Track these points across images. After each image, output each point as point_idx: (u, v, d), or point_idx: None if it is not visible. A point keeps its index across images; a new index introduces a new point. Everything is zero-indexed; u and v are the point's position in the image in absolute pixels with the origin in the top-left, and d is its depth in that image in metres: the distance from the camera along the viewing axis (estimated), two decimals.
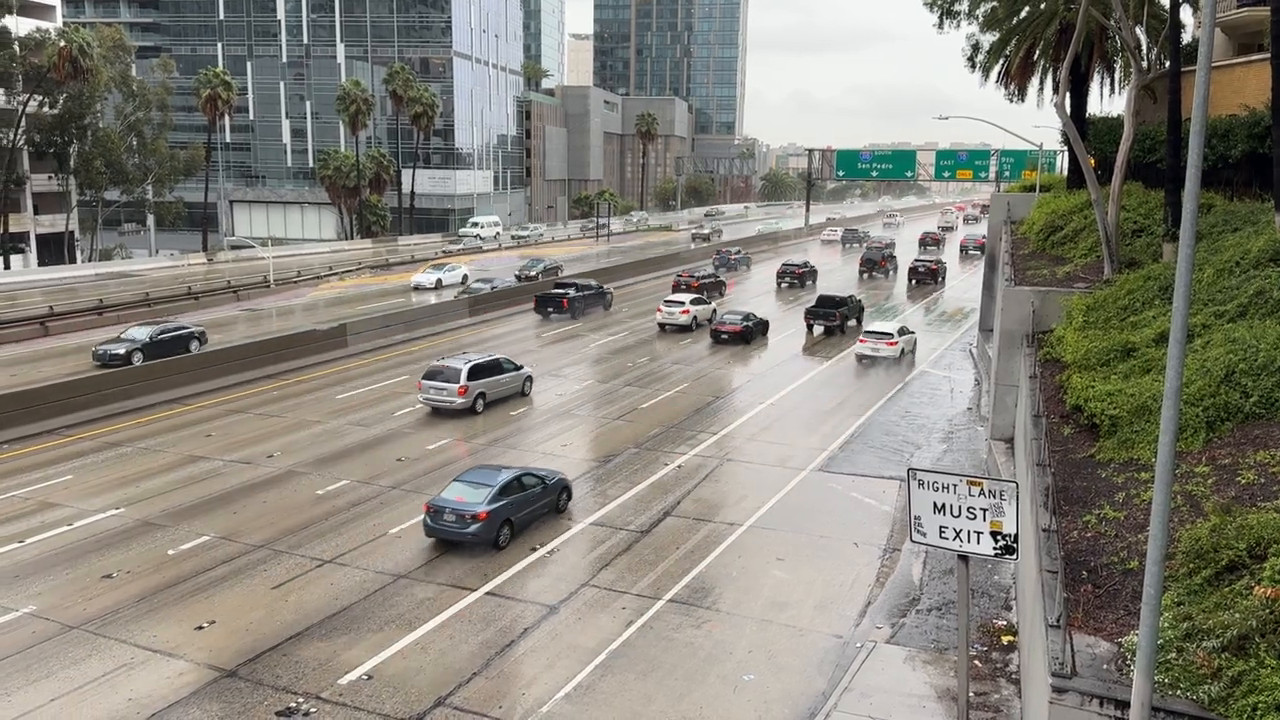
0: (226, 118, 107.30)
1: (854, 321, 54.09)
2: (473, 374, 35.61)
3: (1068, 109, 33.31)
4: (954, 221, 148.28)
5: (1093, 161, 33.38)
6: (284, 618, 19.63)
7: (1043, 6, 39.53)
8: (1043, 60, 41.23)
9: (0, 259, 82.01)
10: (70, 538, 23.62)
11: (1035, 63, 41.29)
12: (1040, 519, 15.33)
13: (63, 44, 77.25)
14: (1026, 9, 40.45)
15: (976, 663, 17.50)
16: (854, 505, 26.78)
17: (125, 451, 30.71)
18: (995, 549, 14.16)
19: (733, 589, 21.25)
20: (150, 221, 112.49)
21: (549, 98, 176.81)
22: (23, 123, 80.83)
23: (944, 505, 14.38)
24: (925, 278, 75.71)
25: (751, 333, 50.33)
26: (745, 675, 17.58)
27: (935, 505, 14.46)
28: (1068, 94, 33.61)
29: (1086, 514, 15.73)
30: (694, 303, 54.51)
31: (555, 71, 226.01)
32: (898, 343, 46.06)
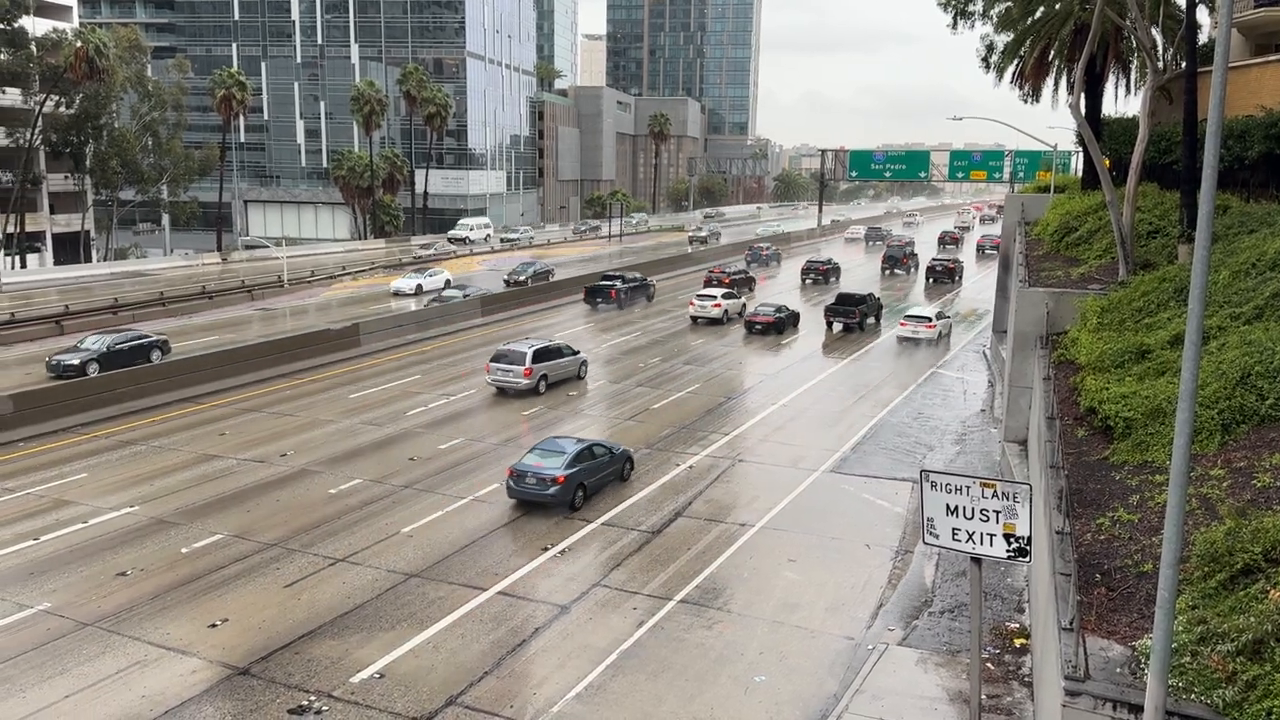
0: (241, 118, 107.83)
1: (873, 319, 55.32)
2: (536, 357, 38.64)
3: (1083, 110, 33.16)
4: (970, 222, 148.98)
5: (1108, 162, 33.21)
6: (296, 616, 19.70)
7: (1058, 7, 39.33)
8: (1057, 61, 41.03)
9: (17, 258, 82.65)
10: (85, 535, 23.77)
11: (1050, 63, 41.09)
12: (1054, 521, 15.25)
13: (79, 44, 77.72)
14: (1041, 9, 40.26)
15: (989, 665, 17.43)
16: (866, 507, 26.71)
17: (140, 450, 30.88)
18: (1008, 551, 14.11)
19: (744, 590, 21.23)
20: (165, 221, 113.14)
21: (562, 98, 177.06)
22: (39, 122, 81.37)
23: (957, 507, 14.34)
24: (942, 276, 76.63)
25: (784, 324, 53.27)
26: (756, 676, 17.56)
27: (948, 507, 14.41)
28: (1083, 95, 33.45)
29: (1100, 517, 15.65)
30: (725, 297, 57.35)
31: (568, 72, 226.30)
32: (936, 326, 50.82)
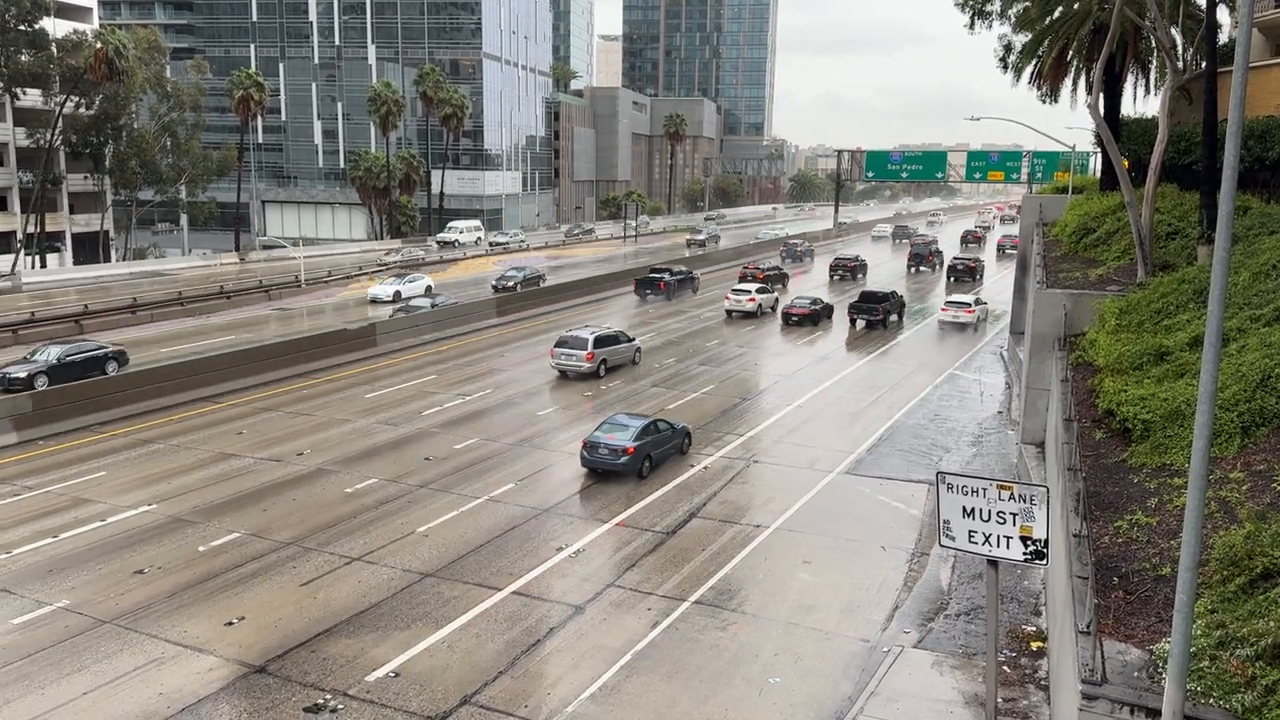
0: (259, 119, 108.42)
1: (895, 317, 56.29)
2: (597, 343, 42.01)
3: (1101, 110, 32.96)
4: (991, 221, 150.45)
5: (1126, 163, 33.01)
6: (312, 614, 19.78)
7: (1076, 7, 39.09)
8: (1076, 61, 40.78)
9: (37, 258, 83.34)
10: (103, 533, 23.93)
11: (1068, 63, 40.85)
12: (1071, 524, 15.17)
13: (99, 45, 78.34)
14: (1060, 9, 40.01)
15: (1005, 668, 17.34)
16: (882, 509, 26.63)
17: (157, 448, 31.08)
18: (1025, 554, 14.04)
19: (759, 591, 21.19)
20: (184, 221, 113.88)
21: (578, 99, 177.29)
22: (59, 123, 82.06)
23: (974, 509, 14.27)
24: (963, 275, 77.29)
25: (819, 315, 56.18)
26: (771, 678, 17.52)
27: (965, 509, 14.35)
28: (1101, 95, 33.25)
29: (1118, 519, 15.56)
30: (759, 291, 59.86)
31: (584, 73, 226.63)
32: (974, 310, 55.13)
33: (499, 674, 17.58)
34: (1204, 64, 28.50)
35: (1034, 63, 42.13)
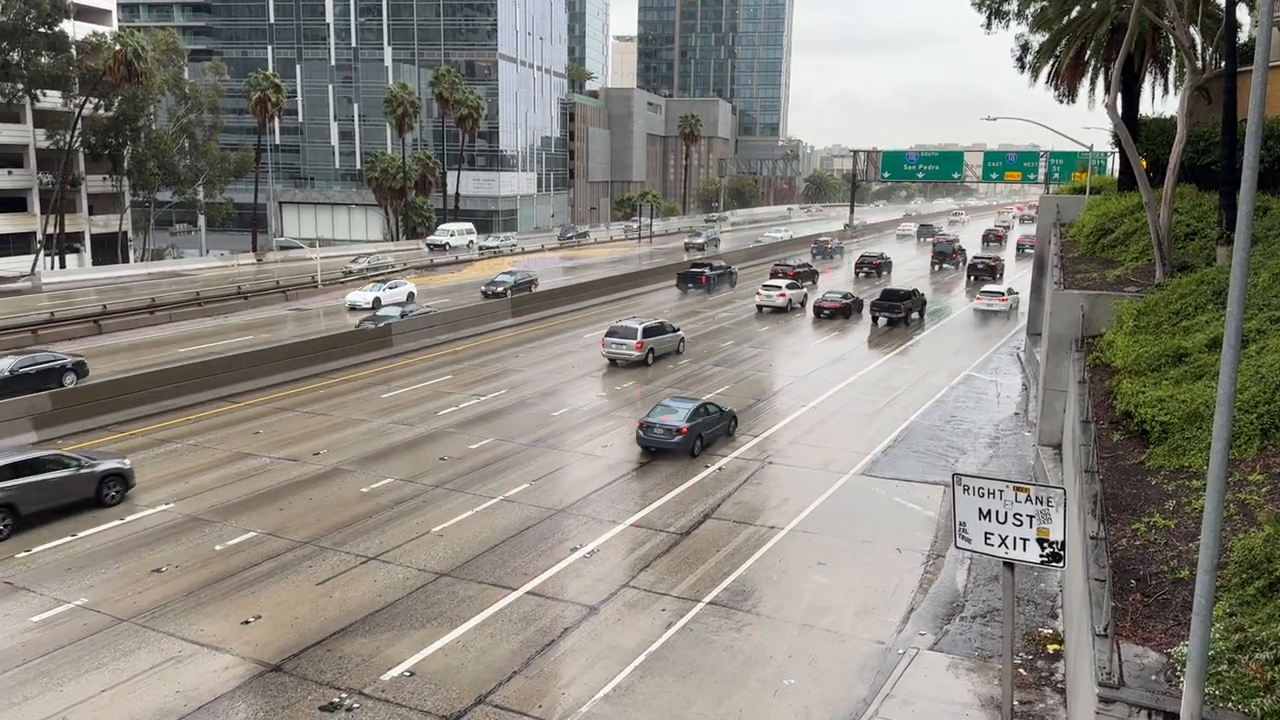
0: (276, 120, 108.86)
1: (916, 315, 57.76)
2: (646, 333, 44.46)
3: (1119, 110, 32.77)
4: (1010, 221, 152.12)
5: (1144, 163, 32.81)
6: (328, 614, 19.86)
7: (1094, 6, 38.88)
8: (1094, 60, 40.57)
9: (56, 258, 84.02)
10: (121, 532, 24.10)
11: (1086, 63, 40.64)
12: (1088, 526, 15.08)
13: (118, 48, 78.92)
14: (1077, 8, 39.82)
15: (1021, 671, 17.26)
16: (897, 510, 26.54)
17: (175, 448, 31.27)
18: (1042, 556, 13.97)
19: (773, 593, 21.16)
20: (201, 222, 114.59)
21: (593, 99, 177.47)
22: (79, 125, 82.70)
23: (990, 511, 14.21)
24: (984, 274, 78.02)
25: (849, 309, 58.82)
26: (785, 680, 17.48)
27: (981, 511, 14.29)
28: (1119, 95, 33.08)
29: (1136, 522, 15.47)
30: (789, 287, 62.56)
31: (599, 73, 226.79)
32: (1007, 299, 59.04)
33: (513, 674, 17.61)
34: (1223, 63, 28.31)
35: (1051, 62, 41.95)
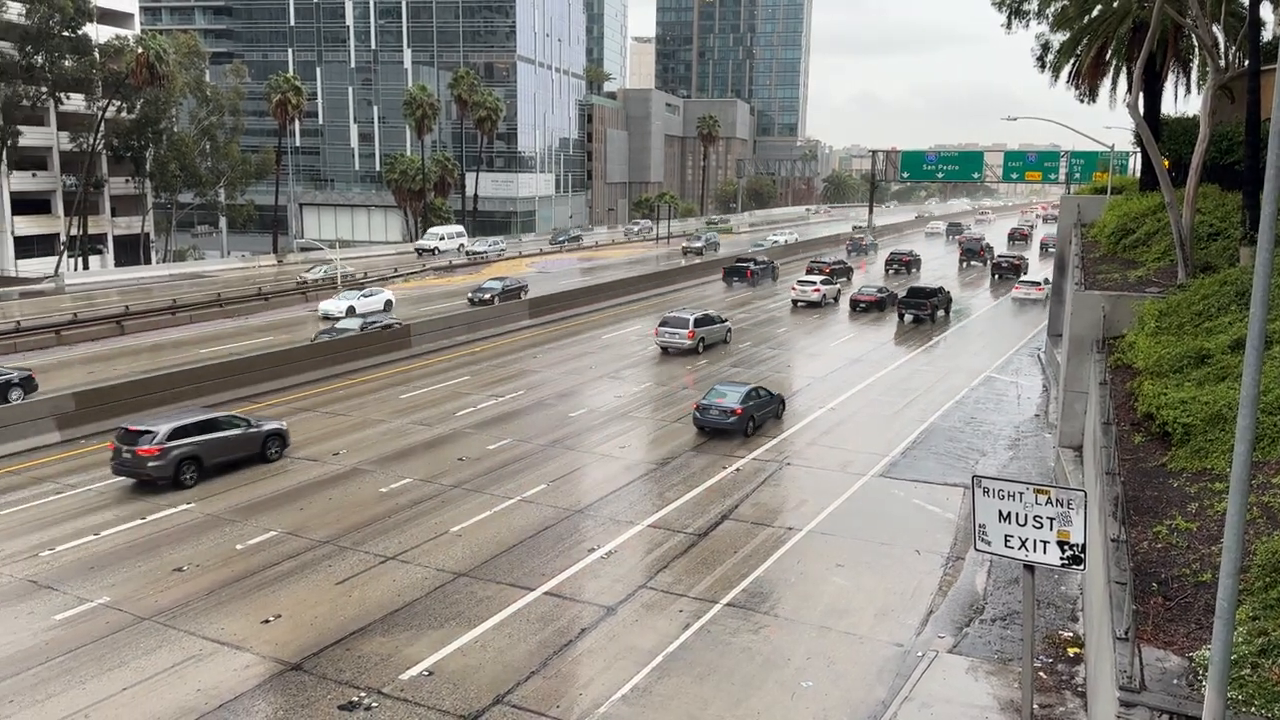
0: (296, 122, 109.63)
1: (942, 312, 59.16)
2: (697, 323, 47.20)
3: (1141, 109, 32.54)
4: (1034, 221, 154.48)
5: (1167, 163, 32.53)
6: (347, 613, 19.96)
7: (1115, 5, 38.62)
8: (1115, 59, 40.29)
9: (80, 260, 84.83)
10: (143, 531, 24.29)
11: (1107, 62, 40.37)
12: (1109, 529, 14.98)
13: (140, 51, 79.60)
14: (1099, 7, 39.57)
15: (1041, 674, 17.16)
16: (916, 512, 26.43)
17: None
18: (1062, 559, 13.87)
19: (791, 594, 21.10)
20: (222, 223, 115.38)
21: (611, 100, 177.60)
22: (102, 127, 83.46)
23: (1010, 513, 14.13)
24: (1008, 272, 79.72)
25: (884, 303, 61.28)
26: (803, 682, 17.44)
27: (1001, 513, 14.21)
28: (1141, 94, 32.82)
29: (1157, 524, 15.35)
30: (823, 283, 65.11)
31: (617, 74, 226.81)
32: (1044, 289, 61.21)
33: (531, 674, 17.64)
34: (1247, 62, 28.03)
35: (1072, 62, 41.70)
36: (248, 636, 18.93)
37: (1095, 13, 39.71)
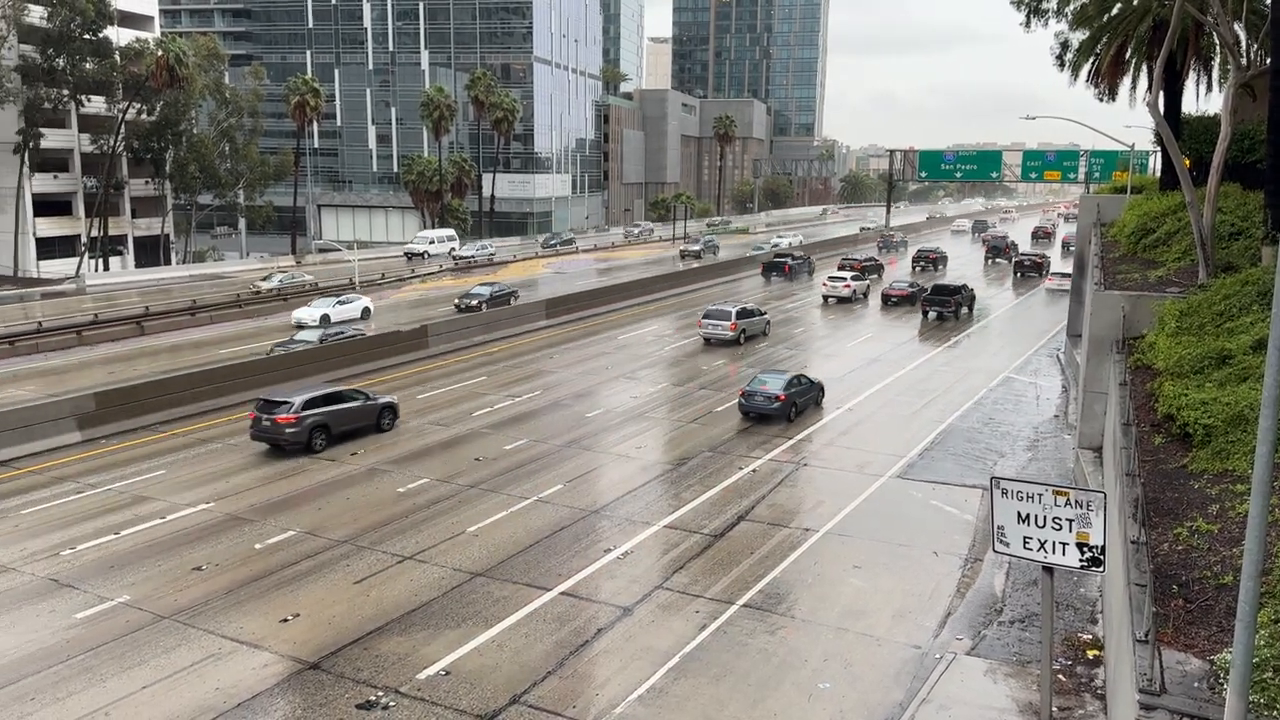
0: (315, 124, 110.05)
1: (965, 309, 60.04)
2: (738, 315, 49.86)
3: (1161, 108, 32.28)
4: (1055, 220, 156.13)
5: (1187, 162, 32.30)
6: (365, 612, 20.03)
7: (1135, 3, 38.37)
8: (1135, 58, 40.03)
9: (100, 261, 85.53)
10: (162, 531, 24.46)
11: (1127, 61, 40.11)
12: (1129, 530, 14.87)
13: (160, 53, 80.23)
14: (1118, 6, 39.30)
15: (1060, 677, 17.05)
16: (934, 513, 26.31)
17: (215, 448, 31.69)
18: (1081, 561, 13.79)
19: (808, 596, 21.05)
20: (241, 225, 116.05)
21: (627, 101, 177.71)
22: (122, 129, 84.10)
23: (1029, 515, 14.06)
24: (1030, 271, 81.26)
25: (915, 297, 62.70)
26: (820, 683, 17.39)
27: (1019, 515, 14.14)
28: (1161, 93, 32.57)
29: (1178, 526, 15.23)
30: (854, 279, 66.90)
31: (634, 75, 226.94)
32: None
33: (548, 674, 17.66)
34: (1268, 60, 27.78)
35: (1091, 60, 41.45)
36: (266, 635, 19.03)
37: (1115, 11, 39.43)
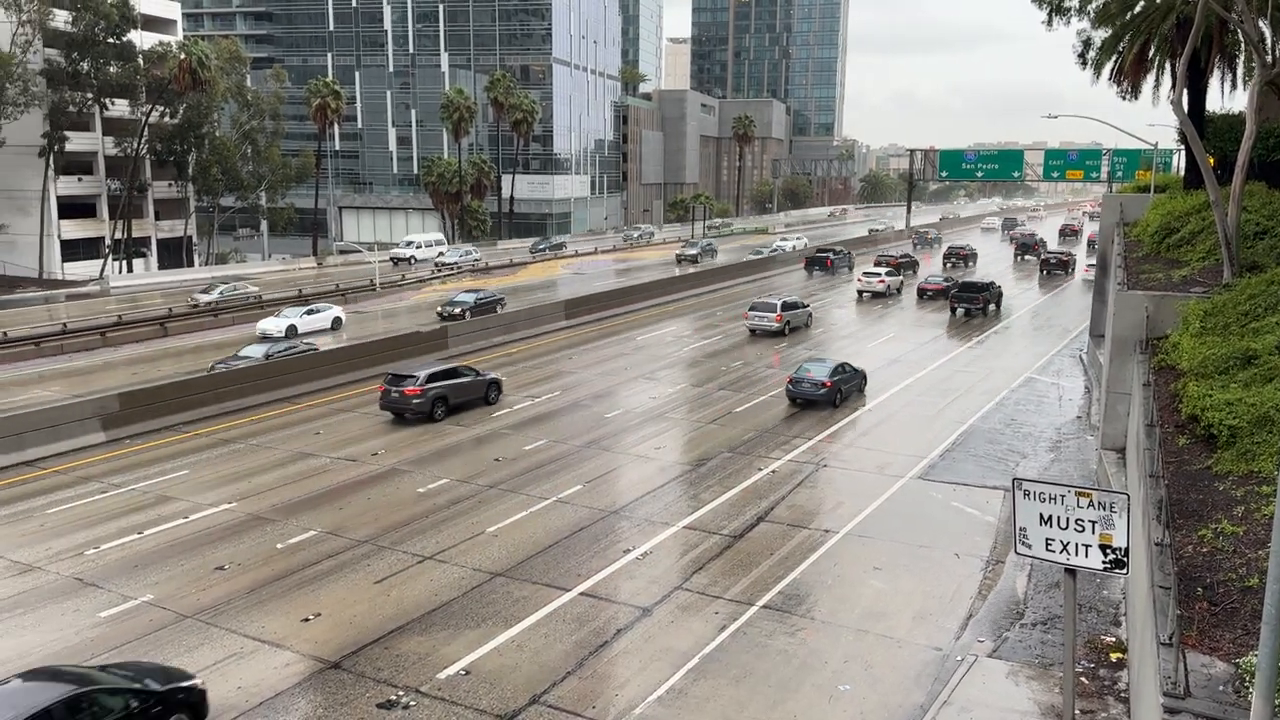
0: (336, 126, 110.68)
1: (993, 306, 61.10)
2: (784, 307, 52.45)
3: (1185, 106, 32.00)
4: (1080, 218, 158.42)
5: (1211, 161, 32.00)
6: (386, 612, 20.12)
7: (1158, 0, 38.03)
8: (1158, 56, 39.63)
9: (124, 262, 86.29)
10: (185, 530, 24.65)
11: (1150, 59, 39.71)
12: (1152, 532, 14.74)
13: (183, 57, 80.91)
14: (1141, 3, 38.94)
15: (1083, 679, 16.92)
16: (955, 515, 26.18)
17: (238, 448, 31.91)
18: (1104, 563, 13.68)
19: (828, 597, 20.99)
20: (263, 226, 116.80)
21: (646, 102, 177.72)
22: (145, 132, 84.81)
23: (1051, 517, 13.96)
24: (1055, 269, 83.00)
25: (948, 291, 63.23)
26: (841, 685, 17.33)
27: (1042, 516, 14.04)
28: (1185, 91, 32.31)
29: (1202, 528, 15.09)
30: (888, 274, 68.39)
31: (653, 75, 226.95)
32: None
33: (567, 674, 17.68)
34: None
35: (1114, 59, 41.05)
36: (288, 635, 19.14)
37: (1138, 9, 39.06)
